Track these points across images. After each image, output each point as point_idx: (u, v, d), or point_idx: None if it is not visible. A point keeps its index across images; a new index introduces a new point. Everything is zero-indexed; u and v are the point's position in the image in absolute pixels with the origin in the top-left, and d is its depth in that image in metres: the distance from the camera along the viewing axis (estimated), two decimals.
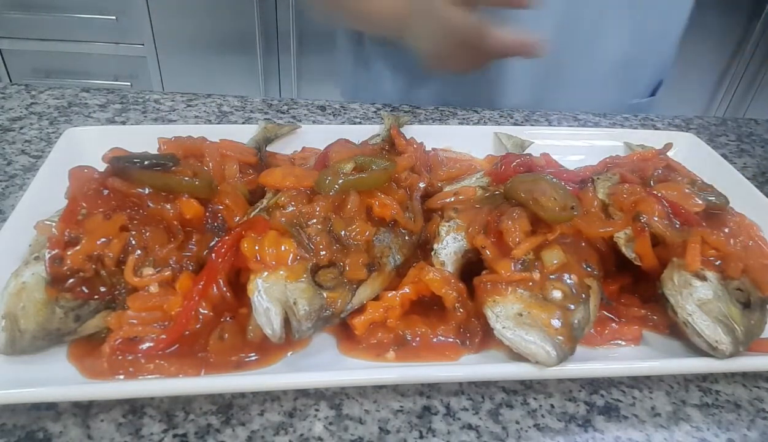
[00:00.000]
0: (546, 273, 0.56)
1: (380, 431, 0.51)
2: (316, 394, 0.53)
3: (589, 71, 1.13)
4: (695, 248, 0.57)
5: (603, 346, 0.58)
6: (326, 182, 0.60)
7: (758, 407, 0.55)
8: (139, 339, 0.52)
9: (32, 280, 0.51)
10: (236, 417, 0.51)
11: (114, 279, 0.53)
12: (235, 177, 0.67)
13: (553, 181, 0.64)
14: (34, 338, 0.50)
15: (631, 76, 1.17)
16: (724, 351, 0.53)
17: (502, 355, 0.55)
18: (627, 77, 1.16)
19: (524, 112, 1.10)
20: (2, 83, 1.06)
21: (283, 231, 0.56)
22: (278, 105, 1.03)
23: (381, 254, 0.59)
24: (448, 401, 0.54)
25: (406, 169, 0.69)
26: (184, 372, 0.51)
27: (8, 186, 0.77)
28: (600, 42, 1.08)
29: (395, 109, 1.05)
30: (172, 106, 1.00)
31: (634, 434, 0.52)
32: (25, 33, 2.42)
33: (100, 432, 0.48)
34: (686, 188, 0.66)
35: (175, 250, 0.56)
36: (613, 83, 1.15)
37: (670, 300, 0.57)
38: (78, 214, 0.55)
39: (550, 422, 0.52)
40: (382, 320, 0.56)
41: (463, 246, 0.61)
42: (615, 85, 1.16)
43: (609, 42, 1.09)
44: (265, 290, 0.52)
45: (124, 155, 0.62)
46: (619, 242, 0.61)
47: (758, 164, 0.99)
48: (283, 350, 0.54)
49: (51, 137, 0.88)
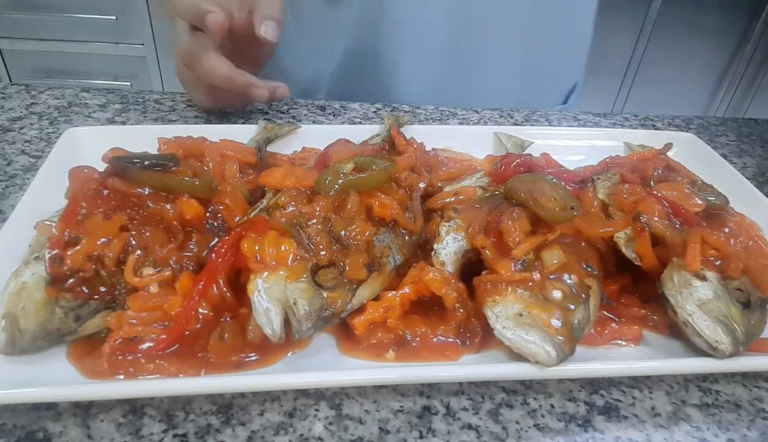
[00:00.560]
0: (546, 273, 0.56)
1: (380, 431, 0.51)
2: (316, 394, 0.53)
3: (489, 71, 1.12)
4: (695, 248, 0.57)
5: (603, 346, 0.58)
6: (326, 182, 0.60)
7: (758, 407, 0.55)
8: (139, 339, 0.52)
9: (32, 280, 0.51)
10: (236, 417, 0.51)
11: (114, 279, 0.53)
12: (235, 177, 0.67)
13: (553, 181, 0.64)
14: (34, 338, 0.50)
15: (534, 80, 1.17)
16: (724, 351, 0.53)
17: (502, 355, 0.55)
18: (530, 80, 1.16)
19: (524, 112, 1.10)
20: (2, 83, 1.06)
21: (283, 231, 0.56)
22: (278, 105, 1.03)
23: (381, 254, 0.59)
24: (448, 401, 0.54)
25: (406, 169, 0.69)
26: (184, 372, 0.51)
27: (8, 186, 0.77)
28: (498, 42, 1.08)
29: (395, 109, 1.05)
30: (172, 106, 1.00)
31: (634, 434, 0.52)
32: (25, 33, 2.42)
33: (100, 432, 0.48)
34: (686, 188, 0.66)
35: (175, 250, 0.56)
36: (516, 86, 1.15)
37: (670, 300, 0.57)
38: (78, 214, 0.55)
39: (550, 422, 0.52)
40: (382, 320, 0.56)
41: (463, 246, 0.61)
42: (518, 88, 1.15)
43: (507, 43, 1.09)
44: (265, 290, 0.52)
45: (124, 155, 0.62)
46: (619, 242, 0.61)
47: (758, 164, 0.99)
48: (283, 350, 0.54)
49: (51, 137, 0.88)
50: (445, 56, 1.08)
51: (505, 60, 1.12)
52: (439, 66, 1.09)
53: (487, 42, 1.08)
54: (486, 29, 1.06)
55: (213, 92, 0.91)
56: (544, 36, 1.12)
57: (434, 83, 1.11)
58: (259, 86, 0.85)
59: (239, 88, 0.84)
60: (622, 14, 2.69)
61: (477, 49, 1.08)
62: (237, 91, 0.84)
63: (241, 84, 0.83)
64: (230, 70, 0.82)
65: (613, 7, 2.65)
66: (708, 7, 2.68)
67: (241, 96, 0.88)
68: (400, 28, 1.05)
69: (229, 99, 0.94)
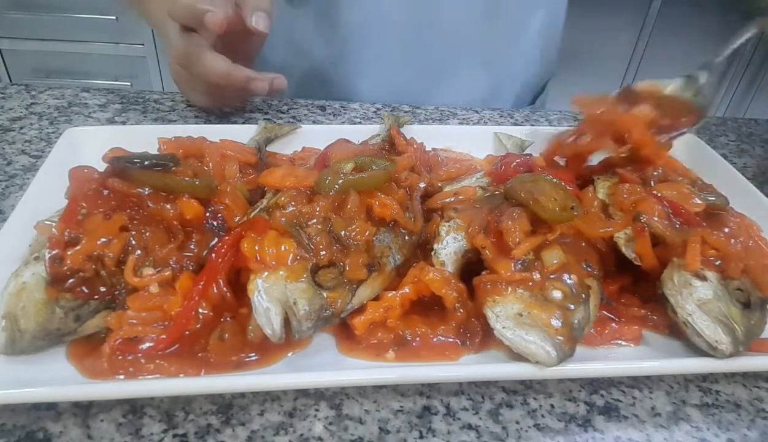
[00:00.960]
0: (546, 273, 0.56)
1: (380, 431, 0.51)
2: (316, 394, 0.53)
3: (450, 68, 1.11)
4: (695, 247, 0.57)
5: (603, 346, 0.58)
6: (326, 182, 0.60)
7: (758, 407, 0.55)
8: (139, 339, 0.52)
9: (32, 280, 0.51)
10: (236, 417, 0.51)
11: (114, 279, 0.53)
12: (235, 177, 0.67)
13: (553, 181, 0.64)
14: (34, 338, 0.50)
15: (495, 81, 1.15)
16: (723, 351, 0.53)
17: (502, 355, 0.55)
18: (491, 81, 1.15)
19: (524, 111, 1.10)
20: (2, 83, 1.06)
21: (283, 231, 0.56)
22: (278, 105, 1.03)
23: (381, 254, 0.59)
24: (448, 401, 0.54)
25: (406, 169, 0.69)
26: (184, 372, 0.51)
27: (8, 186, 0.77)
28: (457, 41, 1.08)
29: (395, 109, 1.05)
30: (172, 106, 0.99)
31: (634, 434, 0.52)
32: (25, 33, 2.42)
33: (100, 432, 0.48)
34: (686, 188, 0.66)
35: (175, 250, 0.56)
36: (475, 86, 1.14)
37: (670, 300, 0.57)
38: (78, 214, 0.55)
39: (550, 422, 0.52)
40: (382, 320, 0.56)
41: (463, 246, 0.61)
42: (477, 88, 1.14)
43: (466, 42, 1.08)
44: (265, 290, 0.52)
45: (124, 155, 0.62)
46: (619, 242, 0.61)
47: (758, 164, 0.99)
48: (283, 350, 0.54)
49: (51, 137, 0.88)
50: (404, 56, 1.08)
51: (464, 59, 1.11)
52: (398, 66, 1.09)
53: (445, 41, 1.07)
54: (444, 28, 1.06)
55: (212, 91, 0.90)
56: (502, 37, 1.10)
57: (393, 84, 1.10)
58: (258, 79, 0.85)
59: (239, 83, 0.83)
60: (622, 14, 2.69)
61: (436, 48, 1.08)
62: (237, 87, 0.84)
63: (241, 78, 0.83)
64: (229, 66, 0.82)
65: (613, 7, 2.65)
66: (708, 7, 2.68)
67: (241, 91, 0.88)
68: (359, 28, 1.05)
69: (229, 96, 0.94)
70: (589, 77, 2.84)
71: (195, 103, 0.98)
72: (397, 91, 1.09)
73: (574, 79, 2.74)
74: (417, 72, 1.10)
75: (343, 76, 1.11)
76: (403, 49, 1.07)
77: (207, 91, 0.91)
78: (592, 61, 2.80)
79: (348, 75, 1.10)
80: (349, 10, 1.03)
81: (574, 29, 2.57)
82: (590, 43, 2.73)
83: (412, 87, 1.11)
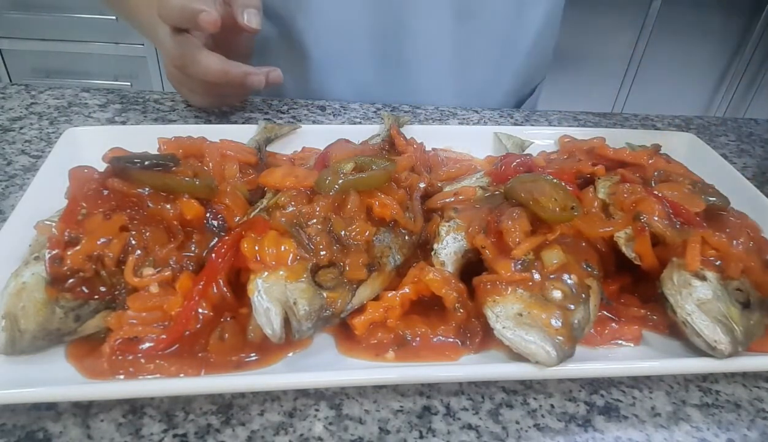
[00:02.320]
0: (546, 273, 0.56)
1: (380, 431, 0.51)
2: (316, 394, 0.53)
3: (421, 69, 1.09)
4: (695, 247, 0.57)
5: (603, 346, 0.58)
6: (326, 182, 0.60)
7: (758, 407, 0.55)
8: (139, 339, 0.52)
9: (32, 280, 0.51)
10: (236, 417, 0.51)
11: (114, 279, 0.53)
12: (235, 177, 0.67)
13: (553, 181, 0.64)
14: (34, 338, 0.50)
15: (471, 82, 1.13)
16: (722, 351, 0.53)
17: (502, 355, 0.55)
18: (467, 82, 1.13)
19: (524, 112, 1.10)
20: (2, 83, 1.06)
21: (283, 231, 0.56)
22: (278, 105, 1.03)
23: (381, 254, 0.59)
24: (448, 401, 0.54)
25: (406, 169, 0.69)
26: (184, 372, 0.51)
27: (8, 186, 0.77)
28: (428, 40, 1.05)
29: (395, 109, 1.05)
30: (172, 106, 0.99)
31: (634, 434, 0.52)
32: (25, 33, 2.42)
33: (100, 432, 0.48)
34: (687, 188, 0.66)
35: (175, 250, 0.56)
36: (450, 86, 1.12)
37: (669, 300, 0.57)
38: (78, 214, 0.55)
39: (550, 422, 0.52)
40: (382, 320, 0.56)
41: (463, 246, 0.61)
42: (452, 89, 1.12)
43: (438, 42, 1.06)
44: (265, 290, 0.52)
45: (124, 155, 0.62)
46: (619, 241, 0.61)
47: (758, 164, 0.99)
48: (283, 350, 0.54)
49: (51, 137, 0.88)
50: (373, 55, 1.06)
51: (436, 59, 1.08)
52: (367, 65, 1.07)
53: (416, 40, 1.05)
54: (413, 26, 1.03)
55: (211, 90, 0.90)
56: (478, 40, 1.07)
57: (364, 83, 1.09)
58: (254, 73, 0.84)
59: (237, 80, 0.83)
60: (622, 14, 2.69)
61: (406, 47, 1.06)
62: (235, 84, 0.84)
63: (238, 75, 0.83)
64: (225, 63, 0.82)
65: (613, 7, 2.65)
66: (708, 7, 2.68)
67: (239, 88, 0.87)
68: (327, 28, 1.03)
69: (228, 94, 0.94)
70: (589, 77, 2.85)
71: (194, 104, 0.98)
72: (366, 89, 1.08)
73: (574, 80, 2.76)
74: (389, 78, 1.09)
75: (312, 72, 1.08)
76: (372, 54, 1.06)
77: (205, 91, 0.91)
78: (591, 62, 2.81)
79: (318, 70, 1.08)
80: (314, 15, 1.01)
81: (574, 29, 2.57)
82: (590, 43, 2.74)
83: (386, 91, 1.09)
